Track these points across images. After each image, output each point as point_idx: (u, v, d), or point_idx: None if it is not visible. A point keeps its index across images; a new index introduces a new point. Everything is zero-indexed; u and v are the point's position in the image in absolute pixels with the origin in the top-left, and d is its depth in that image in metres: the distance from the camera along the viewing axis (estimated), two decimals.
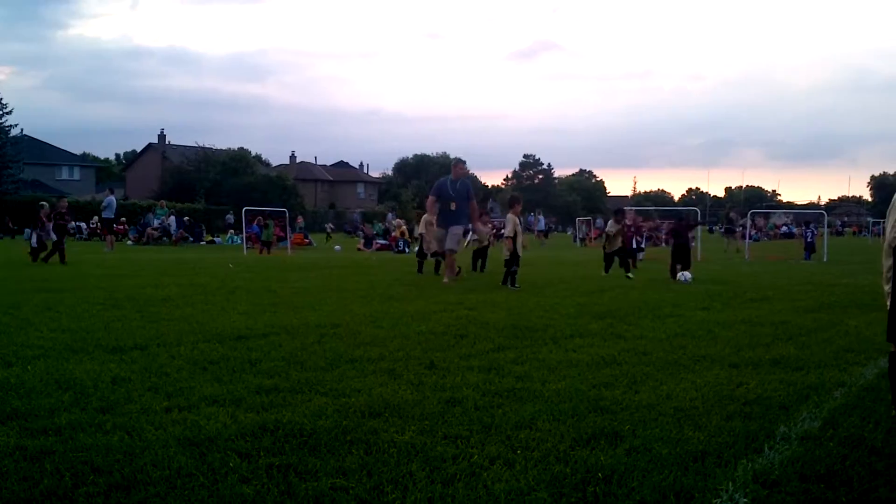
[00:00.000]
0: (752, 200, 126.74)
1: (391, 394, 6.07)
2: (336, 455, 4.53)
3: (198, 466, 4.29)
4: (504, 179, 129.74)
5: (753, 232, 49.88)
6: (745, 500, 3.81)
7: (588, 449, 4.70)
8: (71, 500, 3.78)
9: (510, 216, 16.92)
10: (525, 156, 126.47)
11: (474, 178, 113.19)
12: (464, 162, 18.40)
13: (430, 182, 18.12)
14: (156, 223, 44.34)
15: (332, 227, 64.58)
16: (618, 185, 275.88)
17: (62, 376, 6.54)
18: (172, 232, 44.39)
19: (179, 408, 5.58)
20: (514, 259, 16.03)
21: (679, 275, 17.62)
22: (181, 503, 3.75)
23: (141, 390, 6.13)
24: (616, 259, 19.92)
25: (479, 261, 20.68)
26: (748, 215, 42.81)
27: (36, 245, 23.09)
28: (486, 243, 20.89)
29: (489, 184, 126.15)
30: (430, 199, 17.77)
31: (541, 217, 57.49)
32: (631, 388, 6.42)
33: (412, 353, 7.87)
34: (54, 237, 23.05)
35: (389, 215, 59.08)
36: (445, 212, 17.30)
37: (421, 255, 20.56)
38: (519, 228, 16.65)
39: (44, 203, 25.13)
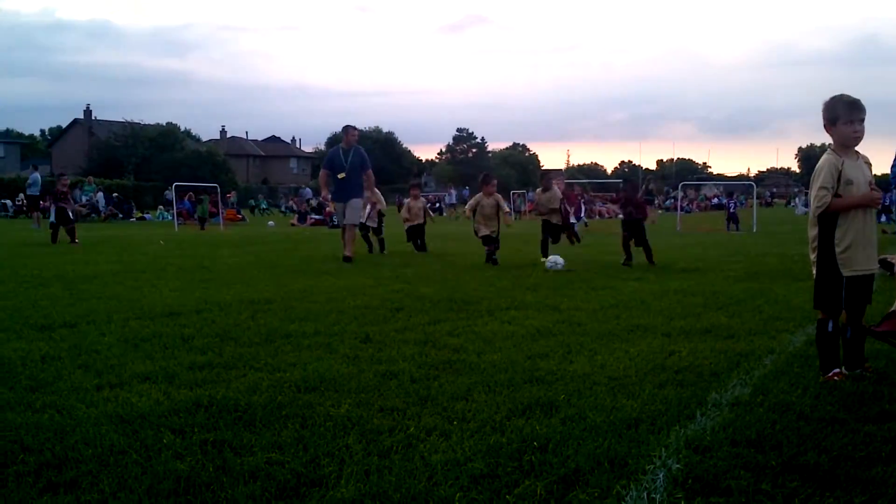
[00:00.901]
0: (684, 173, 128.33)
1: (326, 368, 6.04)
2: (271, 430, 4.50)
3: (130, 444, 4.22)
4: (438, 154, 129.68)
5: (685, 204, 50.59)
6: (677, 465, 3.87)
7: (524, 419, 4.73)
8: (1, 480, 3.70)
9: (497, 196, 15.99)
10: (458, 129, 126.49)
11: (408, 153, 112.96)
12: (355, 128, 16.73)
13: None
14: (84, 200, 43.48)
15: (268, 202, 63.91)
16: (551, 158, 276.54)
17: None
18: (101, 209, 43.62)
19: (111, 385, 5.49)
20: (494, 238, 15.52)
21: (548, 260, 14.59)
22: (114, 480, 3.68)
23: (71, 368, 6.02)
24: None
25: (419, 240, 19.32)
26: (679, 187, 43.42)
27: (55, 221, 22.29)
28: (421, 220, 19.52)
29: (423, 158, 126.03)
30: (323, 172, 16.70)
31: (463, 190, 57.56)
32: (566, 358, 6.48)
33: (347, 328, 7.85)
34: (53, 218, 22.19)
35: (307, 190, 58.64)
36: (339, 183, 16.17)
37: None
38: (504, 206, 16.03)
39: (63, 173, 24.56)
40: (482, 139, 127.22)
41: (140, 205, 53.61)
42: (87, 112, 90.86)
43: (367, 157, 16.61)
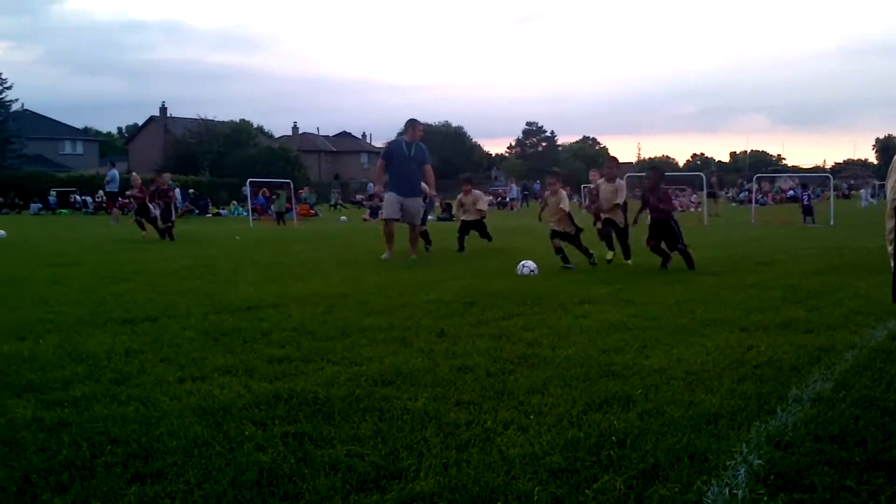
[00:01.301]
0: (757, 165, 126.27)
1: (402, 362, 6.09)
2: (350, 422, 4.56)
3: (213, 435, 4.31)
4: (507, 148, 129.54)
5: (759, 196, 49.77)
6: (759, 461, 3.83)
7: (601, 413, 4.72)
8: (90, 470, 3.81)
9: (563, 193, 14.19)
10: (528, 123, 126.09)
11: (478, 147, 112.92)
12: (420, 123, 16.10)
13: (434, 152, 16.51)
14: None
15: (338, 196, 64.37)
16: (622, 151, 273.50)
17: (75, 349, 6.56)
18: (178, 205, 44.43)
19: (192, 378, 5.61)
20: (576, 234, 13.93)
21: (520, 266, 12.58)
22: (199, 471, 3.77)
23: (154, 361, 6.16)
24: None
25: (476, 234, 18.17)
26: (754, 179, 42.75)
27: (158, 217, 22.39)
28: (473, 217, 18.18)
29: (493, 152, 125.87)
30: (380, 163, 16.14)
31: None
32: (641, 352, 6.44)
33: (421, 322, 7.89)
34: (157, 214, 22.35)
35: (370, 186, 58.77)
36: (399, 178, 15.56)
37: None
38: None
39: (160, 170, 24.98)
40: (552, 133, 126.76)
41: (215, 201, 54.50)
42: (163, 109, 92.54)
43: (429, 154, 16.13)
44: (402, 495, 3.50)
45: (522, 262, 12.58)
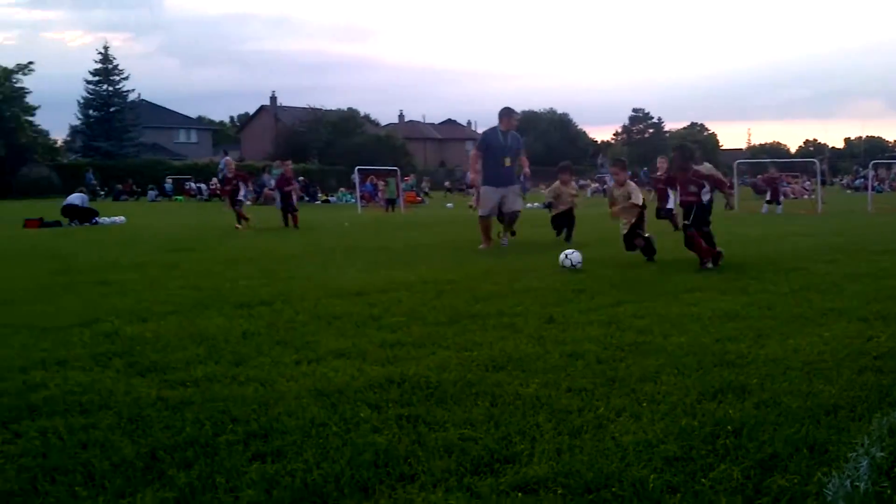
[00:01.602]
0: (873, 151, 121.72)
1: (513, 348, 6.11)
2: (462, 406, 4.60)
3: (330, 416, 4.41)
4: (613, 134, 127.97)
5: (876, 183, 48.15)
6: (881, 453, 3.73)
7: (715, 402, 4.66)
8: (213, 448, 3.94)
9: (632, 184, 13.16)
10: (634, 110, 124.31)
11: (583, 134, 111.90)
12: (515, 112, 15.48)
13: (539, 139, 16.11)
14: (272, 183, 45.23)
15: (448, 184, 64.67)
16: (731, 137, 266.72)
17: (195, 331, 6.78)
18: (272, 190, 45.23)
19: (308, 360, 5.73)
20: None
21: (563, 256, 11.33)
22: (317, 451, 3.87)
23: (270, 344, 6.32)
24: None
25: (565, 229, 16.99)
26: (870, 165, 41.36)
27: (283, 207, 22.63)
28: (569, 206, 17.10)
29: (598, 139, 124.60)
30: (475, 152, 15.63)
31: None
32: (756, 341, 6.31)
33: (530, 308, 7.89)
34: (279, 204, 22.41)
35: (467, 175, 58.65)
36: (496, 168, 14.98)
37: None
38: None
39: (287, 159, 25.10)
40: (658, 119, 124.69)
41: (324, 188, 55.37)
42: (273, 98, 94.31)
43: (523, 143, 15.67)
44: (516, 479, 3.52)
45: (566, 252, 11.38)
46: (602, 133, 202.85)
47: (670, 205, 18.32)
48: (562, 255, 11.24)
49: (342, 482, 3.49)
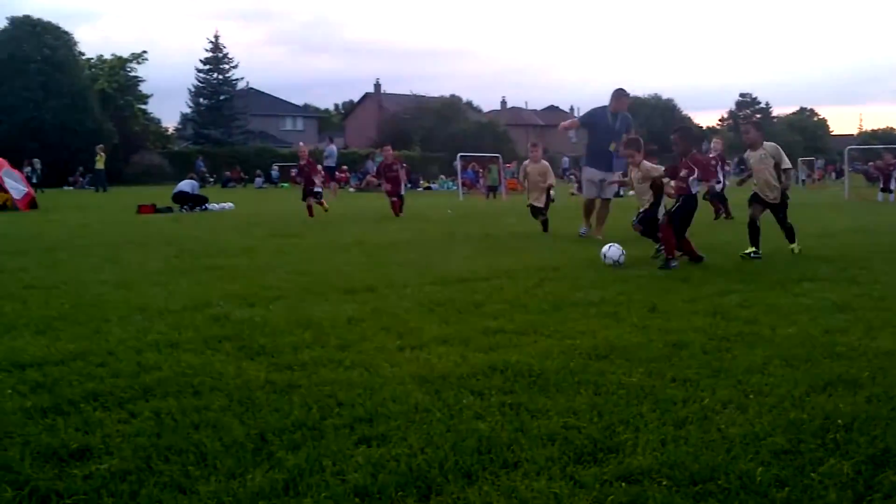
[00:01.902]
0: None
1: (616, 336, 6.07)
2: (565, 395, 4.60)
3: (433, 402, 4.46)
4: (719, 120, 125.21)
5: None
6: None
7: (825, 395, 4.56)
8: (319, 431, 4.02)
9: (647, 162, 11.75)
10: (741, 95, 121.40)
11: (688, 120, 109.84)
12: (626, 94, 14.70)
13: (643, 125, 15.11)
14: (375, 170, 45.67)
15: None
16: (841, 123, 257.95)
17: (301, 316, 6.91)
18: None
19: (411, 347, 5.80)
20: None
21: (606, 250, 10.41)
22: (421, 436, 3.92)
23: (374, 330, 6.41)
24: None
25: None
26: None
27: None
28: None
29: (704, 125, 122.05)
30: (574, 121, 15.33)
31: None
32: (867, 334, 6.14)
33: (633, 297, 7.82)
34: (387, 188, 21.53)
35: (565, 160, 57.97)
36: (599, 150, 14.37)
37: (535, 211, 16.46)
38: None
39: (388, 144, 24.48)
40: (766, 104, 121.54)
41: (426, 175, 55.69)
42: (377, 86, 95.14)
43: (633, 126, 14.81)
44: (619, 469, 3.51)
45: (610, 245, 10.49)
46: (707, 118, 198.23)
47: (718, 187, 17.83)
48: (603, 250, 10.32)
49: (446, 468, 3.53)
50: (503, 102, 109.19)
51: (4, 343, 5.89)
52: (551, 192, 16.37)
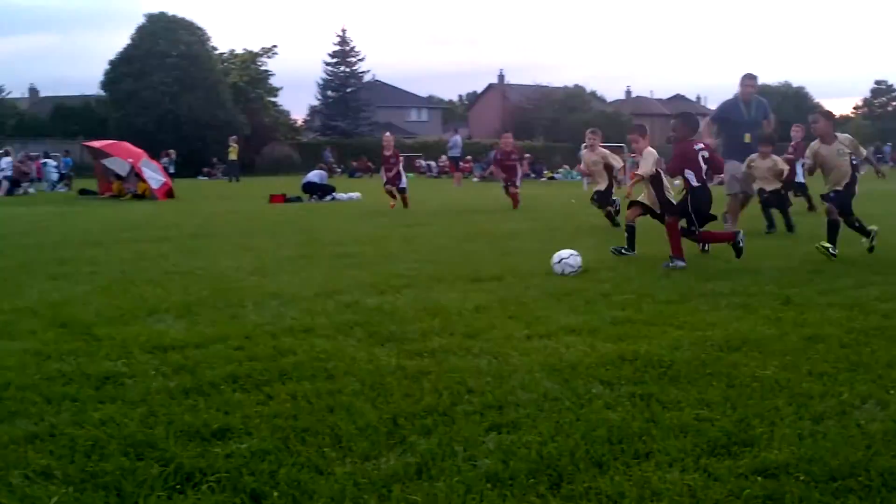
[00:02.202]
0: None
1: (748, 329, 5.95)
2: (697, 387, 4.54)
3: (562, 391, 4.47)
4: (853, 108, 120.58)
5: None
6: None
7: None
8: (450, 417, 4.08)
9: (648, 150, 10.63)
10: (876, 82, 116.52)
11: (820, 108, 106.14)
12: (754, 77, 13.66)
13: (774, 112, 14.05)
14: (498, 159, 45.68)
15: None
16: None
17: (429, 304, 7.00)
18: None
19: (539, 336, 5.81)
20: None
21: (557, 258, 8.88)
22: (551, 425, 3.93)
23: (502, 318, 6.44)
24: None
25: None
26: None
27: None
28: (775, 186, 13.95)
29: (837, 113, 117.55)
30: (707, 120, 14.00)
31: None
32: None
33: (765, 289, 7.64)
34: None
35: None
36: (737, 143, 13.33)
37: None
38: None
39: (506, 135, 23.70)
40: None
41: (549, 165, 55.43)
42: (501, 77, 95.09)
43: (770, 112, 13.86)
44: (755, 463, 3.45)
45: (563, 253, 8.94)
46: (841, 106, 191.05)
47: (800, 177, 16.25)
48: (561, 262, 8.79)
49: (577, 457, 3.53)
50: (628, 92, 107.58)
51: (148, 326, 6.16)
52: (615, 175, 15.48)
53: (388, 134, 21.33)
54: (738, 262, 9.29)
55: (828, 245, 9.78)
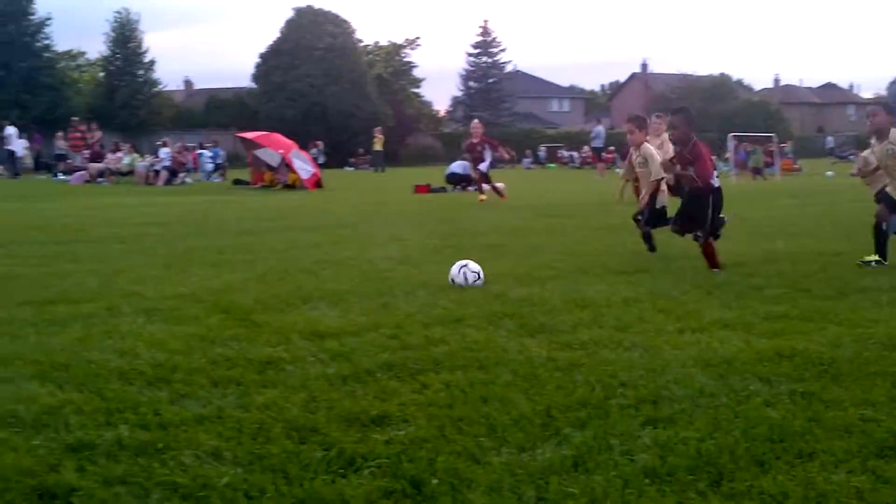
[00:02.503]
0: None
1: None
2: (861, 386, 4.39)
3: (719, 387, 4.39)
4: None
5: None
6: None
7: None
8: (604, 410, 4.06)
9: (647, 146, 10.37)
10: None
11: None
12: None
13: None
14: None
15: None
16: None
17: (577, 295, 6.97)
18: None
19: (692, 330, 5.72)
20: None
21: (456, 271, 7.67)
22: (708, 421, 3.87)
23: (651, 311, 6.37)
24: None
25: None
26: None
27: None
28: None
29: None
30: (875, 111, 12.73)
31: None
32: None
33: None
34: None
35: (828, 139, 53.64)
36: None
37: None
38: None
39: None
40: None
41: None
42: (644, 66, 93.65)
43: None
44: None
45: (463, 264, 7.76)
46: None
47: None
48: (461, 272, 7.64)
49: (736, 454, 3.47)
50: (776, 80, 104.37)
51: (304, 314, 6.34)
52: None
53: (476, 121, 20.90)
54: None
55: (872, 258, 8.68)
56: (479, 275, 7.58)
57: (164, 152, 30.41)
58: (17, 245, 10.83)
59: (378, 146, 43.91)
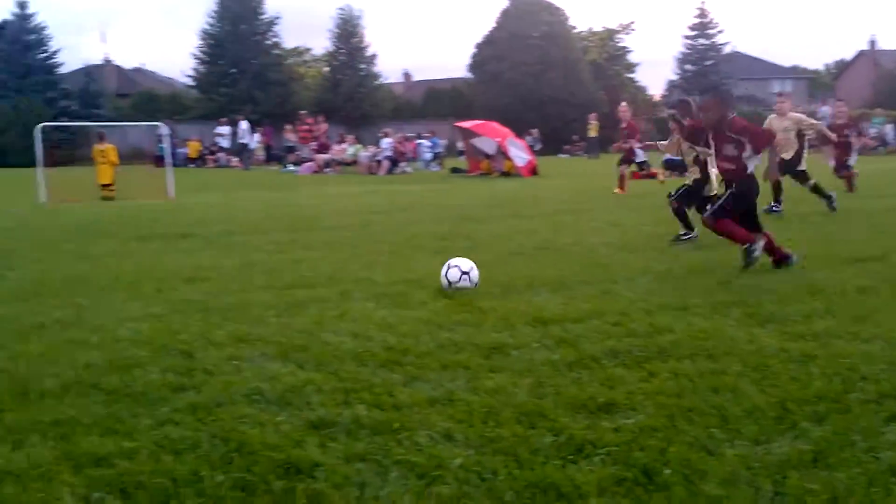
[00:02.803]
0: None
1: None
2: None
3: None
4: None
5: None
6: None
7: None
8: (843, 404, 3.90)
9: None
10: None
11: None
12: None
13: None
14: (872, 132, 42.57)
15: None
16: None
17: (808, 283, 6.70)
18: (889, 141, 42.41)
19: None
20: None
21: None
22: None
23: (890, 301, 6.09)
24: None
25: None
26: None
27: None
28: None
29: None
30: None
31: None
32: None
33: None
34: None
35: None
36: None
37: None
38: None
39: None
40: None
41: None
42: (872, 42, 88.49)
43: None
44: None
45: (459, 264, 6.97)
46: None
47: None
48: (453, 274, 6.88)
49: None
50: None
51: (526, 300, 6.39)
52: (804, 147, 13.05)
53: (623, 104, 19.93)
54: None
55: None
56: (468, 275, 6.82)
57: (386, 143, 31.32)
58: (253, 234, 11.43)
59: (593, 133, 43.56)
